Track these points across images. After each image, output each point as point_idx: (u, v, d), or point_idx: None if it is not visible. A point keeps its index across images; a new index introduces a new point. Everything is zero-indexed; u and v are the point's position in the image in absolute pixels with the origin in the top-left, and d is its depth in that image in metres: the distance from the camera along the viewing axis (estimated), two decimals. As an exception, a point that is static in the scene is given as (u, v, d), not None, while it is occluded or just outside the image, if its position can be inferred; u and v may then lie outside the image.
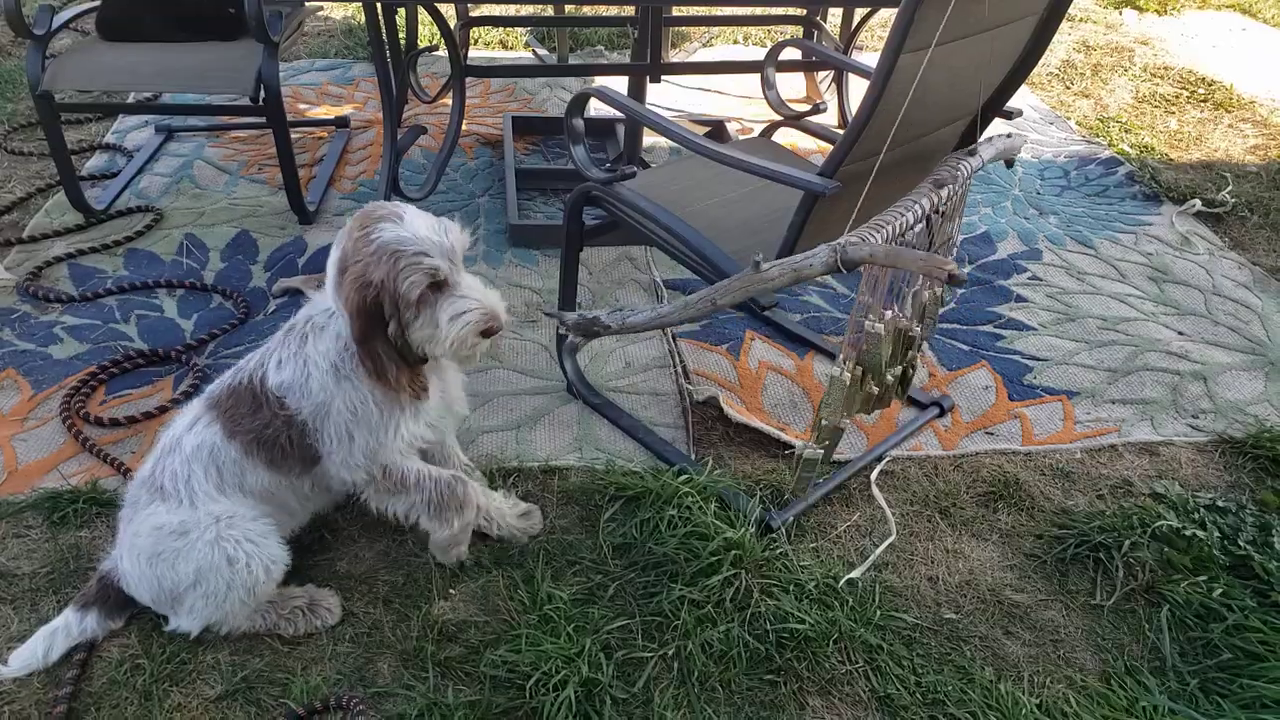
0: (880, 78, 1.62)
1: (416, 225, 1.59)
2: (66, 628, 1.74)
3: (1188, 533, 2.05)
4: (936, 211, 1.78)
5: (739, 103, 4.29)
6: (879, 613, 1.91)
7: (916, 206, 1.74)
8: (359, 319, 1.60)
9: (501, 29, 4.91)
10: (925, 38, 1.60)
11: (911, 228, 1.73)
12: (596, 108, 3.59)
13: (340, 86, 4.35)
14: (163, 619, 1.78)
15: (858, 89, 4.01)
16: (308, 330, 1.71)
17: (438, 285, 1.62)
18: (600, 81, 4.07)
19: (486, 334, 1.67)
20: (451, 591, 1.93)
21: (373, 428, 1.72)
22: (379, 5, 3.19)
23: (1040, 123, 4.26)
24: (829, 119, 4.04)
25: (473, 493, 1.87)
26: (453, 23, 3.60)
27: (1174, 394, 2.59)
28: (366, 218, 1.61)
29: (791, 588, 1.93)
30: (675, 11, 4.11)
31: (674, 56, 4.61)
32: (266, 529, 1.74)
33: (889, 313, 1.72)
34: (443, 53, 3.64)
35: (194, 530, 1.68)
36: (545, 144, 3.87)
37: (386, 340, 1.64)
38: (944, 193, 1.78)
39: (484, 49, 4.81)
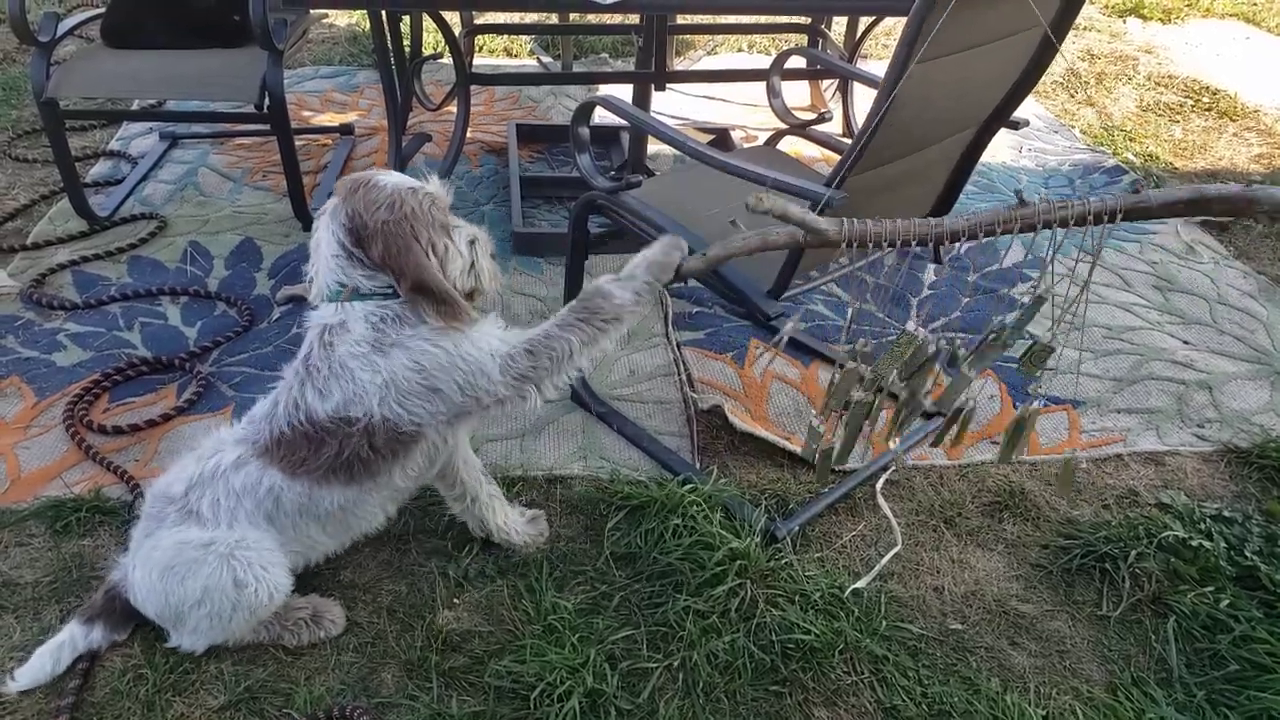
0: (888, 88, 1.62)
1: (403, 175, 1.68)
2: (72, 641, 1.73)
3: (1194, 543, 2.04)
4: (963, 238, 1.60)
5: (743, 110, 4.29)
6: (884, 623, 1.90)
7: (933, 223, 1.56)
8: (405, 252, 1.58)
9: (506, 37, 4.91)
10: (933, 48, 1.60)
11: (922, 241, 1.56)
12: (601, 115, 3.59)
13: (344, 94, 4.36)
14: (166, 633, 1.77)
15: (862, 97, 4.01)
16: (330, 340, 1.64)
17: (445, 220, 1.68)
18: (605, 89, 4.07)
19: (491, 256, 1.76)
20: (456, 601, 1.92)
21: (448, 364, 1.64)
22: (384, 12, 3.20)
23: (1045, 131, 4.25)
24: (833, 127, 4.04)
25: (598, 280, 1.75)
26: (457, 30, 3.61)
27: (1179, 403, 2.59)
28: (359, 179, 1.63)
29: (797, 598, 1.92)
30: (680, 19, 4.12)
31: (678, 64, 4.62)
32: (277, 557, 1.71)
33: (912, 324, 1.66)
34: (447, 60, 3.65)
35: (216, 544, 1.66)
36: (550, 152, 3.87)
37: (435, 265, 1.62)
38: (1024, 211, 1.57)
39: (489, 56, 4.82)
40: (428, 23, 3.89)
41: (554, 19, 4.41)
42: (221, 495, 1.68)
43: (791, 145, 3.22)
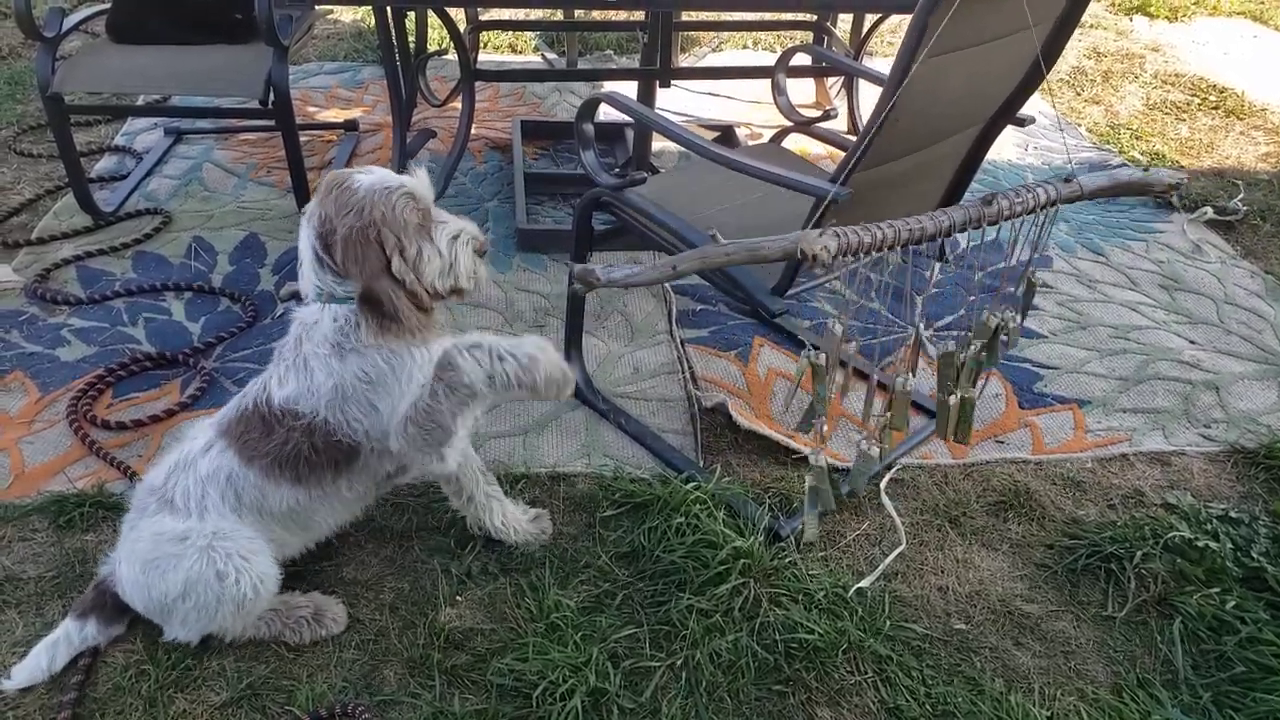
0: (893, 85, 1.61)
1: (387, 172, 1.65)
2: (67, 638, 1.73)
3: (1200, 544, 2.03)
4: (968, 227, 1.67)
5: (748, 107, 4.28)
6: (888, 623, 1.89)
7: (912, 225, 1.60)
8: (363, 260, 1.57)
9: (511, 33, 4.91)
10: (939, 45, 1.59)
11: (905, 243, 1.59)
12: (605, 112, 3.59)
13: (349, 90, 4.35)
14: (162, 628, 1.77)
15: (867, 94, 4.00)
16: (301, 334, 1.67)
17: (423, 220, 1.65)
18: (610, 86, 4.06)
19: (479, 252, 1.72)
20: (458, 599, 1.92)
21: (389, 385, 1.65)
22: (389, 8, 3.19)
23: (1050, 129, 4.24)
24: (839, 125, 4.03)
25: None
26: (462, 26, 3.60)
27: (1186, 403, 2.58)
28: (337, 178, 1.63)
29: (800, 597, 1.91)
30: (685, 16, 4.10)
31: (683, 61, 4.61)
32: (258, 546, 1.70)
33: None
34: (452, 56, 3.64)
35: (192, 537, 1.66)
36: (554, 148, 3.87)
37: (393, 280, 1.61)
38: (989, 211, 1.67)
39: (493, 53, 4.81)
40: (432, 19, 3.89)
41: (559, 15, 4.40)
42: (191, 483, 1.69)
43: (797, 143, 3.21)
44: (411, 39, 3.71)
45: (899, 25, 4.90)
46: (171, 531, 1.66)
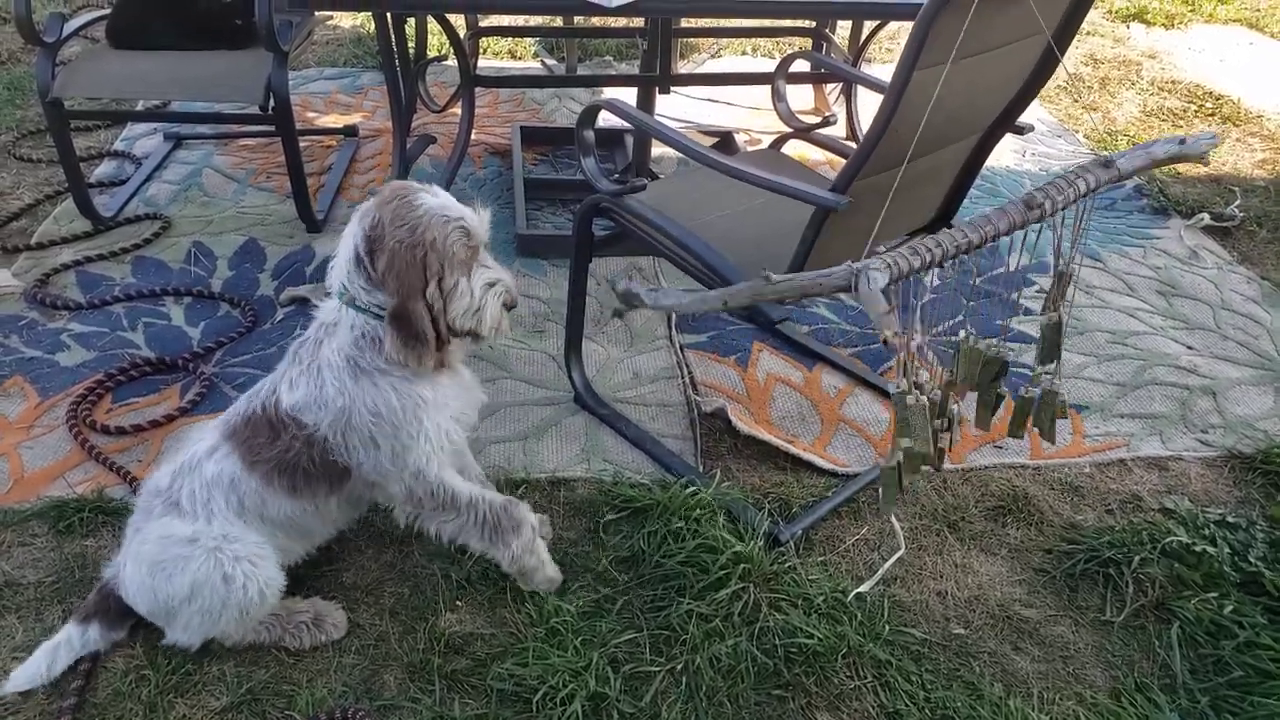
0: (894, 94, 1.62)
1: (450, 200, 1.66)
2: (69, 642, 1.73)
3: (1198, 549, 2.04)
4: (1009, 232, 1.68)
5: (747, 113, 4.29)
6: (887, 628, 1.90)
7: (958, 238, 1.66)
8: (404, 277, 1.58)
9: (510, 39, 4.91)
10: (939, 54, 1.60)
11: (951, 257, 1.62)
12: (605, 118, 3.60)
13: (349, 95, 4.36)
14: (162, 632, 1.77)
15: (866, 101, 4.01)
16: (321, 335, 1.67)
17: (469, 259, 1.66)
18: (609, 92, 4.07)
19: (507, 306, 1.74)
20: (458, 603, 1.92)
21: (397, 426, 1.67)
22: (389, 14, 3.20)
23: (1048, 135, 4.25)
24: (838, 131, 4.04)
25: (527, 514, 1.84)
26: (462, 32, 3.61)
27: (1183, 409, 2.58)
28: (402, 189, 1.63)
29: (800, 602, 1.92)
30: (684, 23, 4.11)
31: (683, 67, 4.62)
32: (265, 551, 1.71)
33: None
34: (452, 62, 3.65)
35: (201, 539, 1.66)
36: (554, 154, 3.87)
37: (424, 303, 1.62)
38: (1032, 214, 1.66)
39: (493, 59, 4.82)
40: (432, 25, 3.89)
41: (558, 22, 4.41)
42: (197, 486, 1.69)
43: (796, 149, 3.22)
44: (411, 45, 3.71)
45: (897, 32, 4.92)
46: (180, 534, 1.67)
